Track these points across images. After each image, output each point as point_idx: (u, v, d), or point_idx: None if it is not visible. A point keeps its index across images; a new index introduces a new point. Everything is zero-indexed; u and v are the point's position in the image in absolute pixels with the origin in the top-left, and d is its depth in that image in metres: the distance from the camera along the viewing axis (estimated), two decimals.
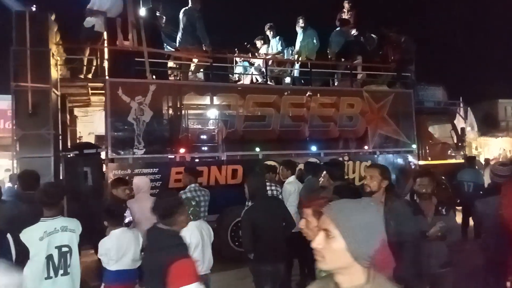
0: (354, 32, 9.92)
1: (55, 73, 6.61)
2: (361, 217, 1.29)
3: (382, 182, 3.33)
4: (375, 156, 8.80)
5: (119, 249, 3.65)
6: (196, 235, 3.92)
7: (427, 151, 9.71)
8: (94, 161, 6.66)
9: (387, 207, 3.19)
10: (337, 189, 3.08)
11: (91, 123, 9.56)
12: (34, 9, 6.35)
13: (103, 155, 6.88)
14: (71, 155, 6.79)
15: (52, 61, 6.39)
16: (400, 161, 9.06)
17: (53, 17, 6.62)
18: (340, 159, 7.90)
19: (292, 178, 5.94)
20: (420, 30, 17.18)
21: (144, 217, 4.61)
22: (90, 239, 4.22)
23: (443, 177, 9.03)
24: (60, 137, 6.82)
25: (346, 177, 6.50)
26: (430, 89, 10.42)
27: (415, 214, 3.42)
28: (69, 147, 7.39)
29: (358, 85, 9.21)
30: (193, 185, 5.19)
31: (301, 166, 6.67)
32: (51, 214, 3.24)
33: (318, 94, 8.46)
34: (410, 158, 9.21)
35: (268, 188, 5.07)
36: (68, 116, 7.78)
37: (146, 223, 4.62)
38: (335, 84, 9.42)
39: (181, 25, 7.94)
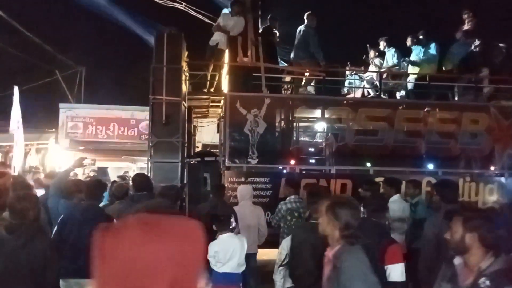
0: (477, 42, 9.10)
1: (184, 87, 7.36)
2: None
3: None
4: (503, 178, 7.89)
5: (226, 253, 3.82)
6: None
7: None
8: (213, 168, 7.19)
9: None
10: (449, 213, 2.85)
11: (199, 133, 10.35)
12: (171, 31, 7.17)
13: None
14: (194, 161, 7.46)
15: (183, 77, 7.14)
16: None
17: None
18: (461, 180, 7.28)
19: (396, 197, 5.58)
20: None
21: (245, 224, 4.87)
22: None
23: None
24: (186, 145, 7.55)
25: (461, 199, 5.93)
26: None
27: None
28: (192, 154, 8.14)
29: (483, 100, 8.41)
30: (293, 196, 5.27)
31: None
32: None
33: (437, 109, 7.94)
34: None
35: None
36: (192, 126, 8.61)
37: (247, 229, 4.87)
38: (455, 99, 8.76)
39: (296, 41, 8.23)
